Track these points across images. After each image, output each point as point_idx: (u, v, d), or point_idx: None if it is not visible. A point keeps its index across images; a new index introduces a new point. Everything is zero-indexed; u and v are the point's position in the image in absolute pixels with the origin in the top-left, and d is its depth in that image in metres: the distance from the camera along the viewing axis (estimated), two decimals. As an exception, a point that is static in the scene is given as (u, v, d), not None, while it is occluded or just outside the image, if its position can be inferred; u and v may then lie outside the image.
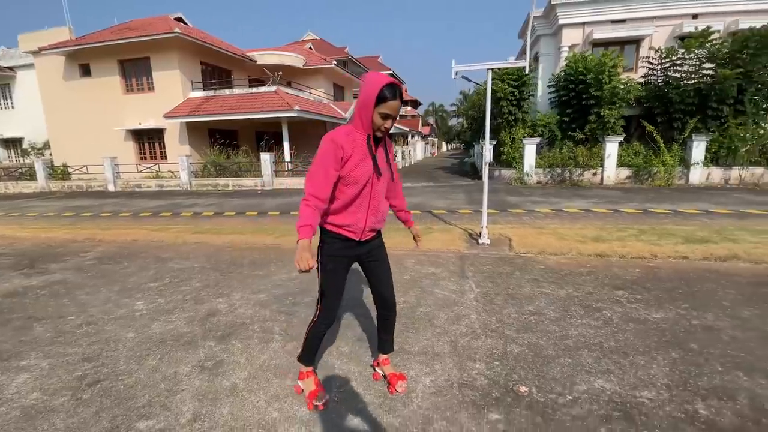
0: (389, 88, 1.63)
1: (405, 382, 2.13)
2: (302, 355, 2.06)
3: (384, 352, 2.18)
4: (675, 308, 2.98)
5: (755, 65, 11.61)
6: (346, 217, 1.80)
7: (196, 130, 16.46)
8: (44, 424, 1.93)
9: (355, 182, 1.73)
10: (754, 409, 1.88)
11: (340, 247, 1.85)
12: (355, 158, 1.70)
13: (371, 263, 1.97)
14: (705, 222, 5.96)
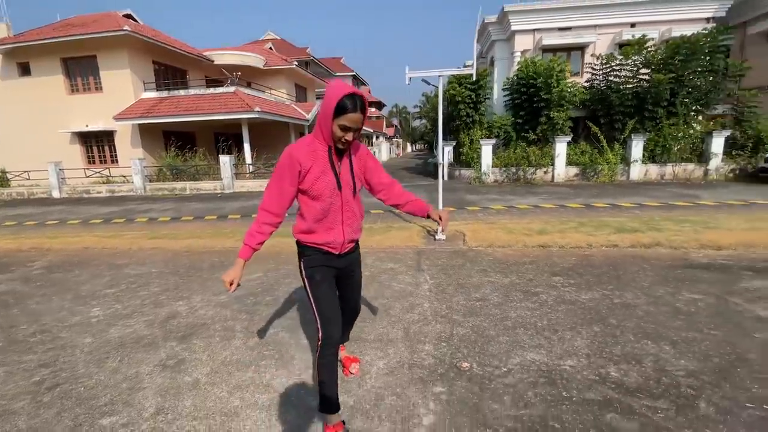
0: (350, 99, 1.52)
1: (358, 363, 2.29)
2: (321, 402, 1.75)
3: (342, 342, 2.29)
4: (601, 290, 3.37)
5: (685, 70, 12.80)
6: (324, 235, 1.74)
7: (149, 133, 15.80)
8: (5, 426, 1.95)
9: (319, 195, 1.65)
10: (657, 370, 2.23)
11: (321, 259, 1.78)
12: (315, 171, 1.63)
13: (348, 278, 1.95)
14: (637, 214, 6.61)
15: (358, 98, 1.55)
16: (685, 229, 5.25)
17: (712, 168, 12.98)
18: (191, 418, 1.97)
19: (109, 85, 15.52)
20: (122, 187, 14.63)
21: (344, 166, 1.71)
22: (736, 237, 4.79)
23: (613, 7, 15.98)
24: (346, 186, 1.71)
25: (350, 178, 1.72)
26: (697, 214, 6.38)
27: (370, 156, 1.84)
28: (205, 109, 14.81)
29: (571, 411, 1.90)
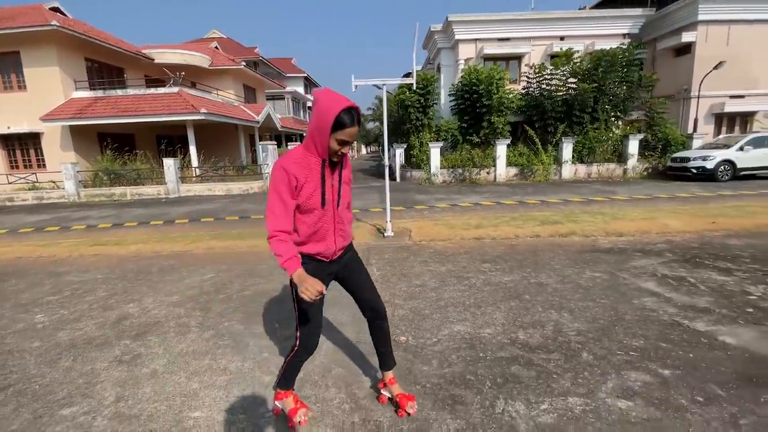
0: (347, 114, 1.50)
1: (415, 402, 1.96)
2: (280, 382, 1.92)
3: (387, 368, 2.02)
4: (521, 272, 3.92)
5: (606, 80, 14.34)
6: (316, 246, 1.72)
7: (82, 135, 14.77)
8: (-47, 428, 1.99)
9: (312, 209, 1.64)
10: (555, 332, 2.73)
11: (313, 269, 1.69)
12: (309, 186, 1.60)
13: (349, 276, 1.90)
14: (561, 208, 7.45)
15: (354, 112, 1.53)
16: (597, 220, 6.07)
17: (629, 167, 14.65)
18: (152, 401, 2.14)
19: (34, 84, 14.32)
20: (52, 193, 13.56)
21: (334, 178, 1.69)
22: (636, 226, 5.65)
23: (545, 21, 17.45)
24: (330, 201, 1.69)
25: (337, 190, 1.71)
26: (609, 208, 7.33)
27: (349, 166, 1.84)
28: (146, 111, 14.13)
29: (484, 367, 2.33)
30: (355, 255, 1.96)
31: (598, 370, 2.26)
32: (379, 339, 1.98)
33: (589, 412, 1.92)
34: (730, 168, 12.13)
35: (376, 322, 1.95)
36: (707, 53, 16.21)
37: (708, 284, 3.49)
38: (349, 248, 1.92)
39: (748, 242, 4.79)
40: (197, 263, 4.82)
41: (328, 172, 1.65)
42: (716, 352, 2.42)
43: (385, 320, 1.96)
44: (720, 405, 1.94)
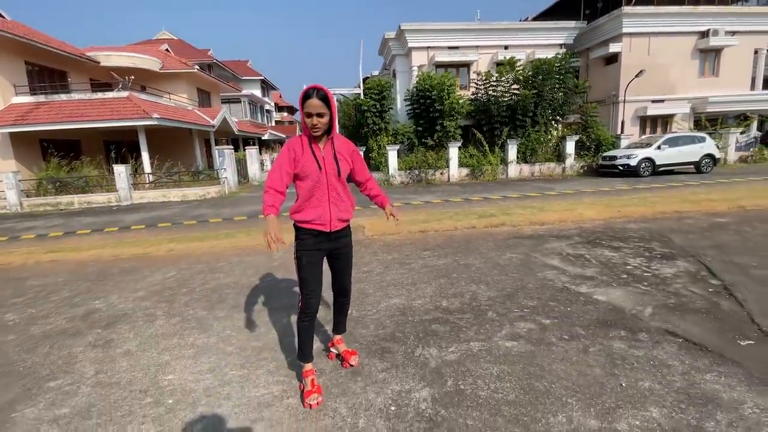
0: (310, 89, 1.93)
1: (357, 356, 2.46)
2: (298, 352, 2.21)
3: (338, 333, 2.50)
4: (453, 257, 4.58)
5: (545, 87, 15.66)
6: (312, 211, 2.05)
7: (23, 142, 14.02)
8: (-54, 405, 2.27)
9: (307, 176, 2.01)
10: (470, 299, 3.36)
11: (313, 243, 2.09)
12: (302, 157, 2.00)
13: (338, 259, 2.24)
14: (499, 204, 8.32)
15: (317, 89, 1.93)
16: (526, 213, 6.93)
17: (567, 166, 16.09)
18: (129, 371, 2.52)
19: (-34, 89, 13.42)
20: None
21: (326, 152, 2.04)
22: (557, 216, 6.54)
23: (490, 32, 18.69)
24: (329, 167, 2.03)
25: (333, 161, 2.04)
26: (540, 202, 8.28)
27: (357, 154, 2.21)
28: (93, 116, 13.68)
29: (411, 326, 2.90)
30: (349, 243, 2.28)
31: (497, 323, 2.90)
32: (338, 310, 2.44)
33: (483, 350, 2.54)
34: (650, 165, 13.72)
35: (340, 299, 2.40)
36: (631, 62, 18.15)
37: (599, 259, 4.31)
38: (348, 231, 2.24)
39: (642, 226, 5.77)
40: (158, 264, 5.07)
41: (316, 147, 2.04)
42: (588, 306, 3.15)
43: (348, 298, 2.41)
44: (579, 340, 2.62)
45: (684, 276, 3.69)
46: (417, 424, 1.89)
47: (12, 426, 2.04)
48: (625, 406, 1.94)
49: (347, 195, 2.17)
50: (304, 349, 2.18)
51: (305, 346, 2.17)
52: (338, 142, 2.12)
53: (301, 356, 2.20)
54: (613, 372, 2.24)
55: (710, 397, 1.98)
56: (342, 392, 2.18)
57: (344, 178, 2.13)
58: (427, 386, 2.19)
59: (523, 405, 1.99)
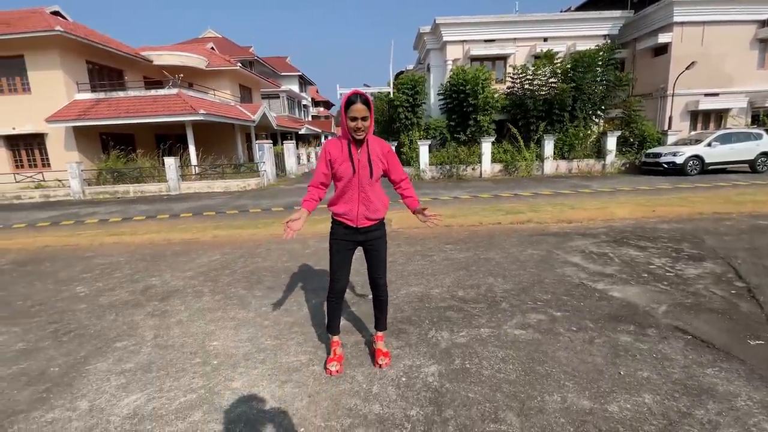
0: (353, 95, 2.05)
1: (388, 359, 2.44)
2: (327, 325, 2.50)
3: (378, 330, 2.54)
4: (474, 251, 4.73)
5: (584, 81, 15.14)
6: (342, 206, 2.24)
7: (85, 135, 15.44)
8: (40, 355, 2.77)
9: (341, 177, 2.17)
10: (486, 290, 3.54)
11: (342, 233, 2.29)
12: (339, 160, 2.15)
13: (369, 251, 2.36)
14: (529, 201, 8.28)
15: (359, 95, 2.06)
16: (555, 210, 6.90)
17: (608, 163, 15.50)
18: (181, 336, 2.94)
19: (38, 86, 14.96)
20: (57, 191, 14.26)
21: (362, 154, 2.16)
22: (587, 214, 6.48)
23: (528, 24, 18.20)
24: (362, 170, 2.15)
25: (367, 164, 2.15)
26: (572, 200, 8.17)
27: (392, 154, 2.29)
28: (147, 112, 14.82)
29: (426, 311, 3.14)
30: (382, 236, 2.38)
31: (509, 313, 3.07)
32: (376, 306, 2.51)
33: (492, 336, 2.73)
34: (698, 163, 12.98)
35: (374, 293, 2.48)
36: (682, 53, 17.06)
37: (622, 258, 4.32)
38: (378, 227, 2.34)
39: (675, 227, 5.62)
40: (204, 248, 5.60)
41: (354, 149, 2.17)
42: (602, 302, 3.24)
43: (382, 295, 2.45)
44: (586, 332, 2.75)
45: (708, 277, 3.66)
46: (424, 393, 2.14)
47: (88, 375, 2.49)
48: (620, 392, 2.09)
49: (377, 196, 2.25)
50: (331, 323, 2.46)
51: (332, 321, 2.45)
52: (373, 144, 2.22)
53: (329, 329, 2.49)
54: (614, 362, 2.37)
55: (706, 388, 2.08)
56: (360, 363, 2.47)
57: (377, 179, 2.23)
58: (436, 363, 2.42)
59: (522, 384, 2.18)
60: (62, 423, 2.03)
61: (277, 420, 1.98)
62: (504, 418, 1.91)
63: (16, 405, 2.20)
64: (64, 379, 2.44)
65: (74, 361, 2.65)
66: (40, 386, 2.37)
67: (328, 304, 2.43)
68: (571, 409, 1.96)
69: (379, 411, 2.01)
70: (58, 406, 2.17)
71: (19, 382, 2.43)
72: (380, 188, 2.31)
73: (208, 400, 2.16)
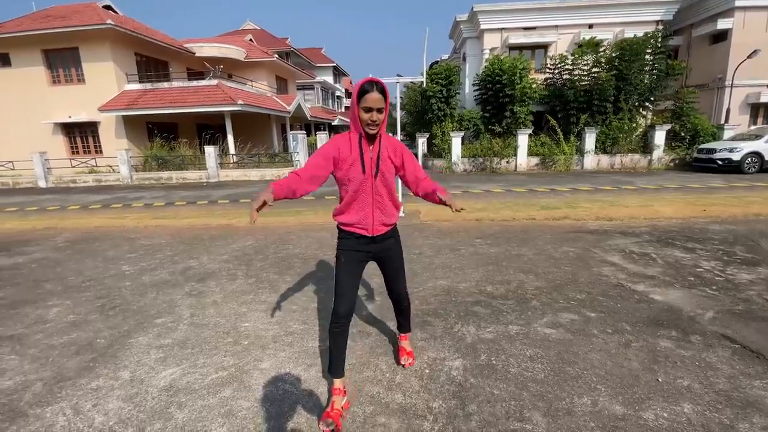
0: (368, 83, 1.76)
1: (412, 359, 2.33)
2: (328, 364, 2.02)
3: (401, 331, 2.42)
4: (506, 246, 4.61)
5: (630, 70, 14.24)
6: (354, 214, 1.92)
7: (133, 124, 16.34)
8: (88, 327, 2.99)
9: (351, 180, 1.86)
10: (517, 287, 3.45)
11: (353, 244, 1.97)
12: (348, 160, 1.85)
13: (385, 263, 2.11)
14: (566, 196, 7.95)
15: (375, 83, 1.78)
16: (594, 207, 6.58)
17: (654, 158, 14.57)
18: (215, 317, 3.07)
19: (91, 77, 15.93)
20: (109, 176, 15.22)
21: (374, 152, 1.88)
22: (628, 212, 6.14)
23: (572, 10, 17.31)
24: (373, 170, 1.87)
25: (375, 164, 1.87)
26: (612, 196, 7.76)
27: (408, 153, 1.99)
28: (189, 102, 15.45)
29: (453, 306, 3.10)
30: (397, 243, 2.12)
31: (539, 311, 2.98)
32: (398, 313, 2.36)
33: (520, 334, 2.66)
34: (758, 160, 11.97)
35: (398, 305, 2.30)
36: (744, 41, 15.67)
37: (666, 259, 4.06)
38: (392, 234, 2.07)
39: (728, 228, 5.22)
40: (239, 234, 5.81)
41: (365, 145, 1.87)
42: (641, 304, 3.07)
43: (405, 304, 2.27)
44: (622, 335, 2.62)
45: (762, 283, 3.38)
46: (447, 387, 2.12)
47: (130, 348, 2.65)
48: (656, 399, 1.98)
49: (391, 197, 1.99)
50: (333, 360, 1.98)
51: (334, 357, 1.98)
52: (386, 141, 1.94)
53: (329, 369, 2.01)
54: (652, 367, 2.24)
55: (752, 401, 1.93)
56: (384, 353, 2.48)
57: (390, 180, 1.96)
58: (461, 357, 2.40)
59: (550, 384, 2.12)
60: (105, 391, 2.18)
61: (301, 402, 2.04)
62: (529, 418, 1.87)
63: (65, 372, 2.38)
64: (109, 351, 2.62)
65: (119, 335, 2.84)
66: (87, 356, 2.56)
67: (330, 333, 1.97)
68: (602, 414, 1.88)
69: (401, 401, 2.02)
70: (103, 375, 2.33)
71: (69, 351, 2.64)
72: (394, 188, 2.02)
73: (238, 378, 2.25)
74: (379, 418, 1.89)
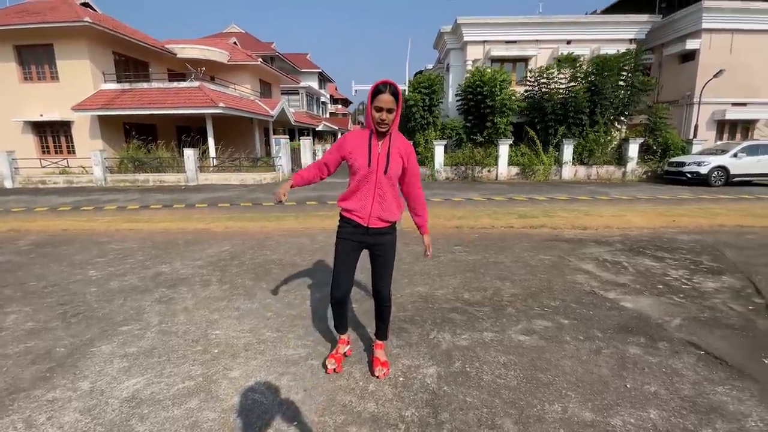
0: (382, 84, 1.90)
1: (387, 369, 2.28)
2: (334, 325, 2.47)
3: (378, 338, 2.38)
4: (484, 253, 4.66)
5: (605, 85, 14.77)
6: (355, 202, 2.07)
7: (109, 124, 15.86)
8: (48, 335, 2.84)
9: (357, 170, 2.01)
10: (493, 294, 3.47)
11: (350, 232, 2.12)
12: (357, 151, 2.01)
13: (376, 257, 2.18)
14: (544, 206, 8.12)
15: (388, 84, 1.91)
16: (570, 216, 6.74)
17: (628, 170, 15.08)
18: (185, 324, 2.97)
19: (66, 75, 15.42)
20: (81, 178, 14.68)
21: (383, 148, 2.01)
22: (603, 221, 6.31)
23: (551, 26, 17.87)
24: (379, 165, 1.99)
25: (385, 160, 2.00)
26: (588, 206, 7.97)
27: (413, 157, 2.11)
28: (169, 103, 15.13)
29: (429, 312, 3.10)
30: (391, 241, 2.19)
31: (514, 318, 3.01)
32: (377, 314, 2.34)
33: (495, 341, 2.67)
34: (723, 174, 12.52)
35: (379, 304, 2.30)
36: (710, 61, 16.48)
37: (637, 267, 4.18)
38: (390, 231, 2.15)
39: (695, 238, 5.42)
40: (216, 238, 5.67)
41: (375, 142, 2.02)
42: (612, 312, 3.13)
43: (386, 304, 2.28)
44: (593, 341, 2.67)
45: (726, 292, 3.51)
46: (420, 395, 2.10)
47: (92, 357, 2.53)
48: (624, 405, 2.01)
49: (394, 196, 2.09)
50: (336, 321, 2.40)
51: (337, 319, 2.38)
52: (397, 141, 2.06)
53: (335, 326, 2.45)
54: (621, 374, 2.28)
55: (715, 407, 1.98)
56: (358, 360, 2.44)
57: (394, 177, 2.05)
58: (436, 365, 2.38)
59: (522, 392, 2.12)
60: (62, 402, 2.07)
61: (271, 411, 1.98)
62: (501, 425, 1.86)
63: (19, 383, 2.25)
64: (68, 360, 2.49)
65: (80, 343, 2.70)
66: (45, 365, 2.42)
67: (331, 307, 2.35)
68: (572, 420, 1.90)
69: (373, 410, 1.99)
70: (60, 386, 2.21)
71: (25, 360, 2.49)
72: (397, 189, 2.13)
73: (206, 388, 2.17)
74: (350, 428, 1.85)
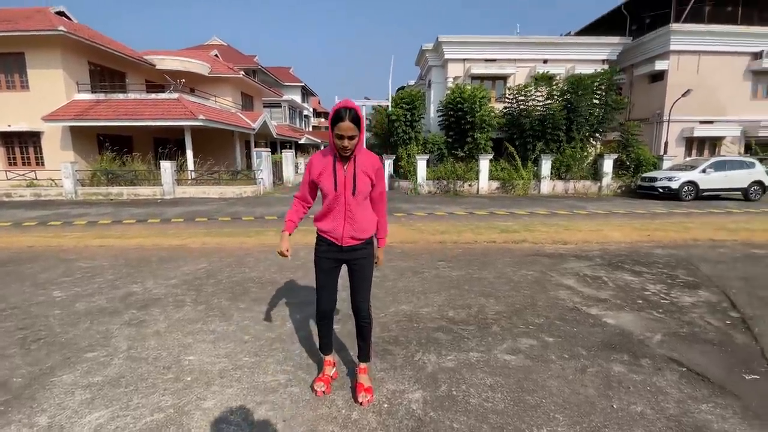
0: (342, 110, 1.83)
1: (371, 396, 2.18)
2: (319, 345, 2.40)
3: (360, 360, 2.31)
4: (467, 269, 4.64)
5: (580, 103, 15.32)
6: (327, 224, 2.09)
7: (82, 135, 15.34)
8: (3, 364, 2.62)
9: (327, 193, 2.02)
10: (477, 311, 3.44)
11: (325, 249, 2.13)
12: (323, 174, 2.00)
13: (354, 272, 2.18)
14: (525, 220, 8.23)
15: (349, 110, 1.84)
16: (550, 231, 6.84)
17: (604, 185, 15.57)
18: (156, 349, 2.80)
19: (37, 85, 14.91)
20: (50, 191, 14.07)
21: (348, 171, 1.99)
22: (582, 236, 6.43)
23: (529, 45, 18.52)
24: (345, 188, 1.99)
25: (351, 182, 1.99)
26: (567, 221, 8.13)
27: (381, 173, 2.09)
28: (146, 115, 14.77)
29: (414, 332, 3.02)
30: (368, 256, 2.18)
31: (499, 337, 2.97)
32: (358, 333, 2.28)
33: (481, 361, 2.62)
34: (693, 189, 13.06)
35: (358, 320, 2.25)
36: (678, 80, 17.37)
37: (617, 282, 4.24)
38: (364, 246, 2.14)
39: (670, 252, 5.57)
40: (192, 255, 5.47)
41: (339, 166, 1.99)
42: (595, 328, 3.14)
43: (366, 320, 2.22)
44: (578, 360, 2.65)
45: (703, 306, 3.58)
46: (406, 422, 2.02)
47: (52, 387, 2.34)
48: (612, 427, 1.98)
49: (364, 214, 2.09)
50: (322, 341, 2.36)
51: (322, 339, 2.35)
52: (362, 159, 2.02)
53: (320, 347, 2.41)
54: (607, 393, 2.26)
55: (700, 426, 1.97)
56: (340, 386, 2.34)
57: (362, 196, 2.05)
58: (421, 389, 2.31)
59: (510, 416, 2.07)
60: (15, 441, 1.88)
61: (247, 446, 1.85)
62: (489, 453, 1.80)
63: (-32, 419, 2.05)
64: (26, 392, 2.29)
65: (39, 372, 2.50)
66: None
67: (316, 325, 2.33)
68: (561, 445, 1.85)
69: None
70: (15, 421, 2.02)
71: (-24, 393, 2.28)
72: (368, 206, 2.14)
73: (176, 420, 2.03)
74: (332, 462, 1.75)
